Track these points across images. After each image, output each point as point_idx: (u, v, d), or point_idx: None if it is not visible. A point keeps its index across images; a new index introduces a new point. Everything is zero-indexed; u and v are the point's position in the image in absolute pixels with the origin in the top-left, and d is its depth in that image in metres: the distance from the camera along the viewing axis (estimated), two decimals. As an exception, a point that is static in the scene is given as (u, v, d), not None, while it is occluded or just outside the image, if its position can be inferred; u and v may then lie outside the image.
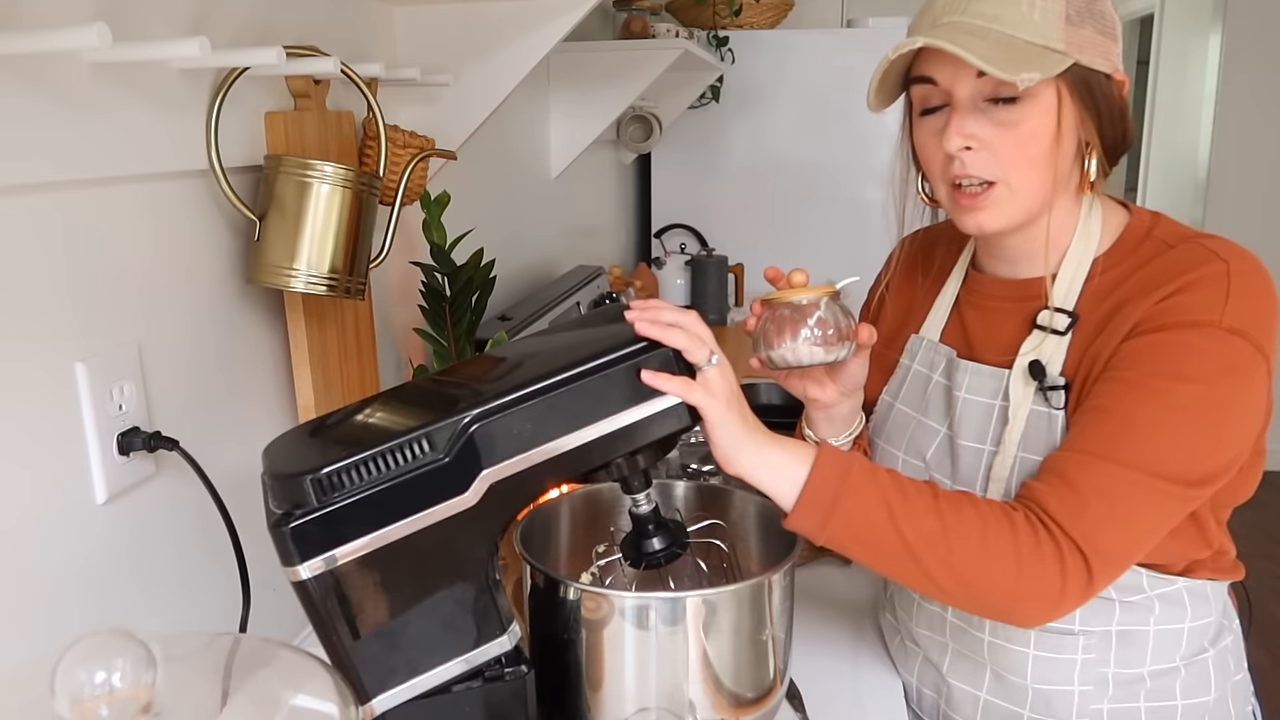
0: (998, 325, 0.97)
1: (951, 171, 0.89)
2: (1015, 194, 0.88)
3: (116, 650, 0.59)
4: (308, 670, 0.69)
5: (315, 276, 0.97)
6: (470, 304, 1.32)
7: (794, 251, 3.20)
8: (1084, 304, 0.91)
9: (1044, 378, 0.89)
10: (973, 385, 0.96)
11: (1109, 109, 0.88)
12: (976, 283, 1.02)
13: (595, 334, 0.86)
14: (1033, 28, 0.83)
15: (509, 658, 0.82)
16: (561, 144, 2.31)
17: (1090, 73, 0.86)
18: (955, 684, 1.03)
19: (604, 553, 1.00)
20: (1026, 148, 0.86)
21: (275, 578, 0.83)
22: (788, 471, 0.83)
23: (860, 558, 0.84)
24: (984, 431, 0.94)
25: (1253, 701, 1.04)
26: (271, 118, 1.05)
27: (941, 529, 0.81)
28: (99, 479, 0.86)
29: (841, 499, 0.81)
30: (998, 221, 0.90)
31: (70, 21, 0.77)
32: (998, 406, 0.94)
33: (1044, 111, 0.85)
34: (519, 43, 1.31)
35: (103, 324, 0.86)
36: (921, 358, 1.04)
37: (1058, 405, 0.89)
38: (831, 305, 0.89)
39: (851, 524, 0.82)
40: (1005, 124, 0.86)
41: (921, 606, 1.06)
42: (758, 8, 3.13)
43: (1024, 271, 0.97)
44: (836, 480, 0.82)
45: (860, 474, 0.82)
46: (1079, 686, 0.96)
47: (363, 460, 0.74)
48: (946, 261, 1.07)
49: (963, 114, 0.87)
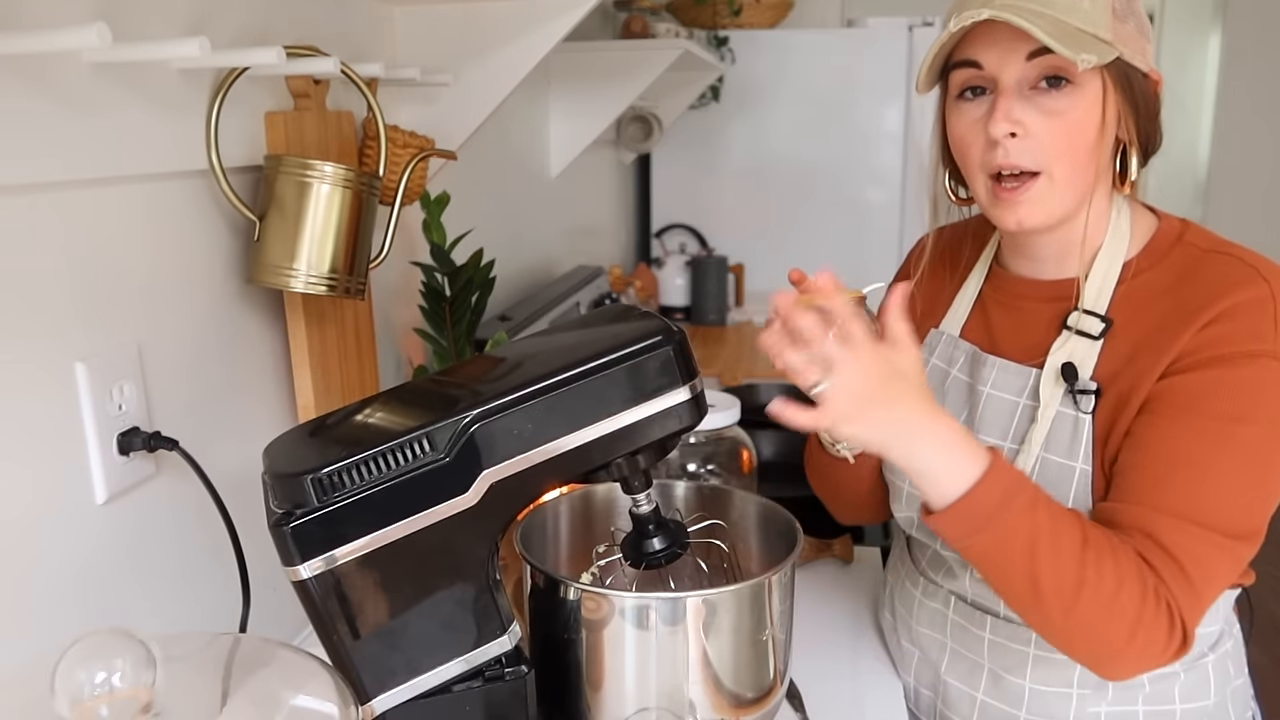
0: (1024, 324, 0.97)
1: (994, 160, 0.87)
2: (1056, 187, 0.87)
3: (116, 650, 0.59)
4: (308, 670, 0.69)
5: (315, 276, 0.97)
6: (470, 304, 1.32)
7: (794, 251, 3.20)
8: (1116, 309, 0.90)
9: (1076, 380, 0.89)
10: (999, 381, 0.96)
11: (1146, 107, 0.88)
12: (1002, 280, 1.01)
13: (595, 334, 0.85)
14: (1084, 15, 0.82)
15: (509, 658, 0.82)
16: (561, 144, 2.31)
17: (1131, 68, 0.86)
18: (952, 683, 1.03)
19: (604, 553, 1.00)
20: (1072, 138, 0.85)
21: (275, 577, 0.83)
22: (953, 471, 0.80)
23: (986, 576, 0.84)
24: (1006, 429, 0.94)
25: (1253, 706, 1.03)
26: (271, 118, 1.05)
27: (1077, 583, 0.80)
28: (99, 479, 0.86)
29: (993, 523, 0.79)
30: (1037, 217, 0.88)
31: (70, 21, 0.77)
32: (1023, 405, 0.94)
33: (1091, 101, 0.85)
34: (519, 43, 1.31)
35: (103, 324, 0.86)
36: (940, 352, 1.04)
37: (1086, 409, 0.89)
38: (858, 311, 0.87)
39: (991, 549, 0.81)
40: (1052, 112, 0.85)
41: (922, 604, 1.06)
42: (758, 8, 3.13)
43: (1049, 272, 0.96)
44: (995, 504, 0.79)
45: (1020, 507, 0.80)
46: (1077, 690, 0.95)
47: (363, 460, 0.74)
48: (971, 257, 1.07)
49: (1009, 98, 0.85)
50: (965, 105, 0.89)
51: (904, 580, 1.10)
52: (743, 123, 3.18)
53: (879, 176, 3.13)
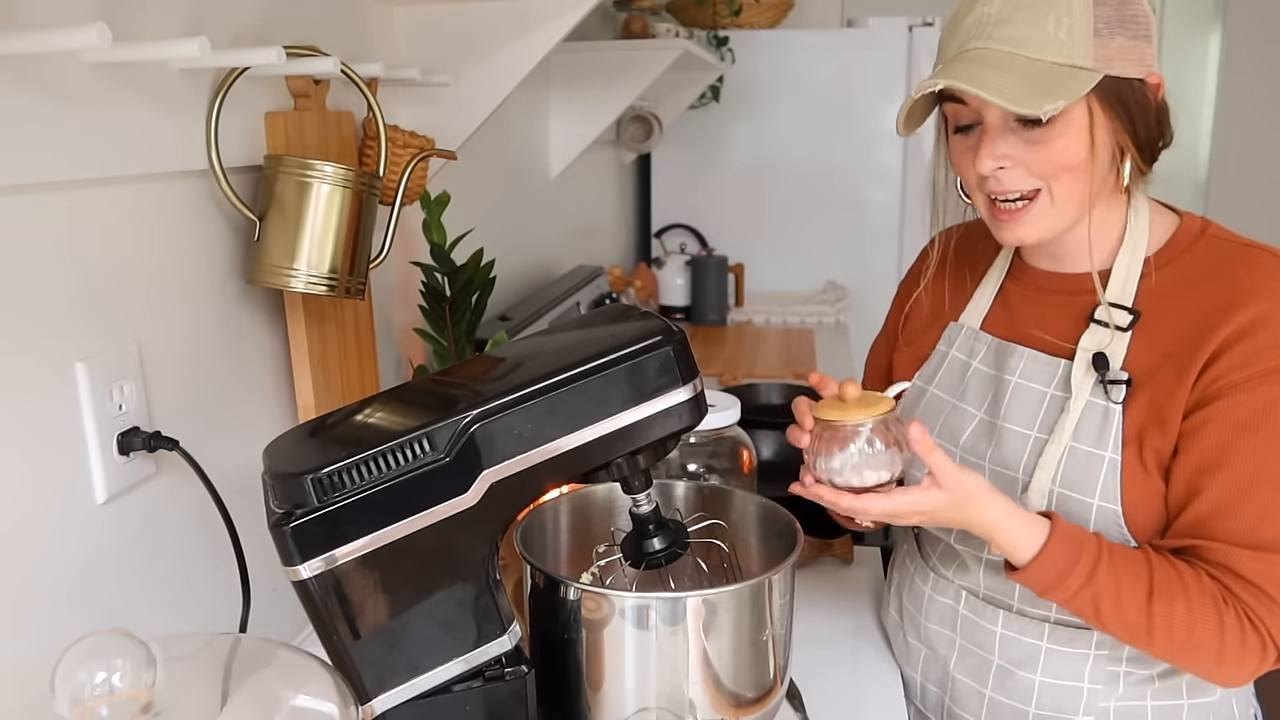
0: (1048, 315, 0.99)
1: (988, 188, 0.91)
2: (1055, 202, 0.90)
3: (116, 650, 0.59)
4: (308, 670, 0.69)
5: (315, 276, 0.97)
6: (470, 304, 1.32)
7: (794, 251, 3.21)
8: (1141, 301, 0.92)
9: (1107, 370, 0.91)
10: (1028, 371, 0.97)
11: (1143, 114, 0.89)
12: (1025, 274, 1.03)
13: (595, 334, 0.85)
14: (1059, 48, 0.84)
15: (509, 658, 0.82)
16: (561, 144, 2.31)
17: (1122, 82, 0.86)
18: (961, 679, 1.03)
19: (604, 553, 1.00)
20: (1061, 161, 0.87)
21: (276, 578, 0.83)
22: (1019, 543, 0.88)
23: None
24: (1034, 418, 0.95)
25: (1254, 704, 1.04)
26: (271, 118, 1.05)
27: (1147, 629, 0.86)
28: (99, 479, 0.86)
29: (1056, 589, 0.87)
30: (1035, 234, 0.92)
31: (70, 21, 0.77)
32: (1051, 395, 0.95)
33: (1075, 129, 0.86)
34: (519, 43, 1.31)
35: (103, 324, 0.86)
36: (960, 345, 1.06)
37: (1117, 399, 0.90)
38: (885, 423, 0.85)
39: (1064, 603, 0.88)
40: (1037, 143, 0.87)
41: (932, 600, 1.07)
42: (758, 8, 3.13)
43: (1069, 267, 0.99)
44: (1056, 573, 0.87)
45: (1079, 576, 0.86)
46: (1088, 684, 0.96)
47: (363, 460, 0.74)
48: (990, 253, 1.08)
49: (993, 137, 0.88)
50: (960, 136, 0.93)
51: (913, 577, 1.11)
52: (743, 123, 3.18)
53: (879, 176, 3.13)
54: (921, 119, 0.94)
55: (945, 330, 1.08)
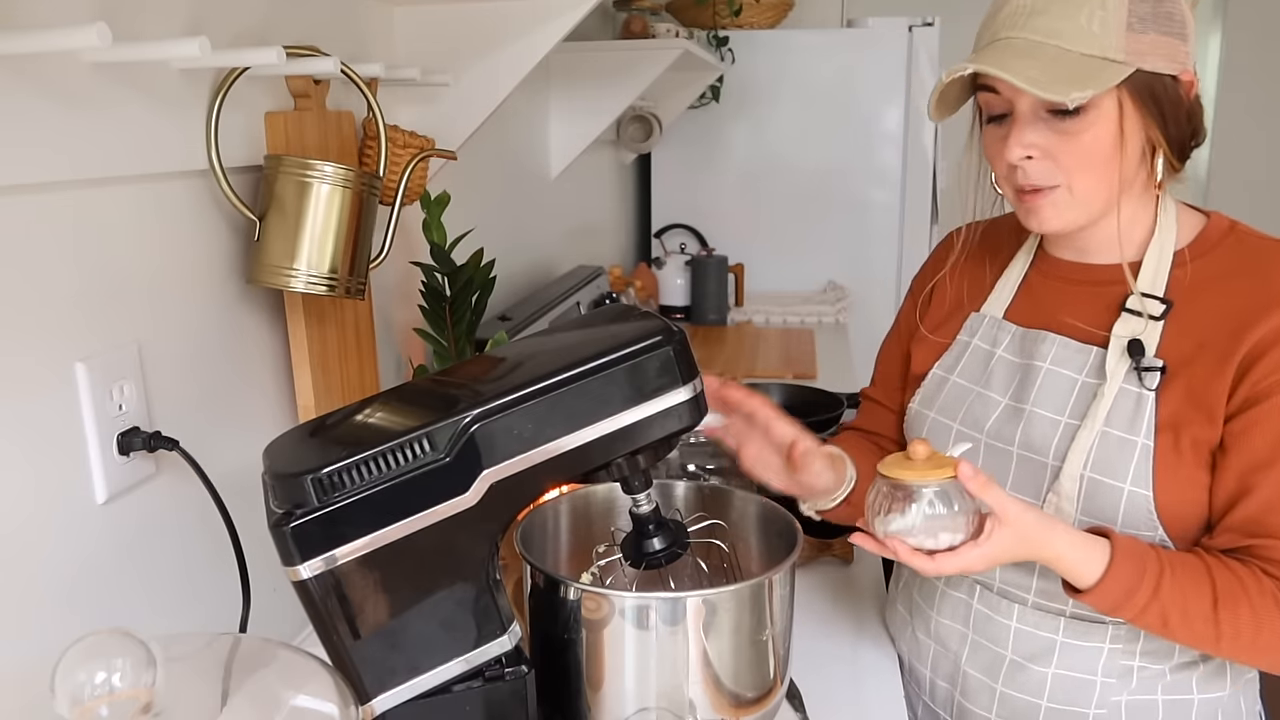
0: (1077, 304, 0.99)
1: (1015, 179, 0.93)
2: (1076, 197, 0.91)
3: (116, 650, 0.59)
4: (308, 670, 0.69)
5: (315, 276, 0.97)
6: (470, 304, 1.32)
7: (794, 251, 3.21)
8: (1174, 292, 0.93)
9: (1142, 357, 0.91)
10: (1059, 357, 0.98)
11: (1174, 110, 0.89)
12: (1050, 265, 1.04)
13: (595, 334, 0.85)
14: (1090, 40, 0.85)
15: (509, 658, 0.82)
16: (561, 144, 2.31)
17: (1154, 77, 0.87)
18: (972, 674, 1.03)
19: (604, 553, 1.00)
20: (1088, 155, 0.88)
21: (276, 578, 0.83)
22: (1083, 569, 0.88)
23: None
24: (1065, 404, 0.96)
25: (1259, 701, 1.04)
26: (271, 118, 1.05)
27: (1215, 636, 0.87)
28: (99, 479, 0.86)
29: (1123, 608, 0.88)
30: (1057, 222, 0.93)
31: (70, 21, 0.77)
32: (1083, 382, 0.96)
33: (1105, 120, 0.87)
34: (519, 43, 1.31)
35: (103, 324, 0.86)
36: (983, 334, 1.06)
37: (1151, 386, 0.91)
38: (947, 489, 0.83)
39: (1132, 619, 0.89)
40: (1066, 133, 0.88)
41: (945, 595, 1.07)
42: (758, 8, 3.13)
43: (1095, 259, 1.00)
44: (1123, 593, 0.87)
45: (1145, 593, 0.87)
46: (1101, 678, 0.96)
47: (363, 460, 0.74)
48: (1010, 247, 1.09)
49: (1023, 126, 0.89)
50: (991, 125, 0.94)
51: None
52: (743, 123, 3.17)
53: (879, 176, 3.13)
54: (955, 107, 0.96)
55: (966, 321, 1.09)
